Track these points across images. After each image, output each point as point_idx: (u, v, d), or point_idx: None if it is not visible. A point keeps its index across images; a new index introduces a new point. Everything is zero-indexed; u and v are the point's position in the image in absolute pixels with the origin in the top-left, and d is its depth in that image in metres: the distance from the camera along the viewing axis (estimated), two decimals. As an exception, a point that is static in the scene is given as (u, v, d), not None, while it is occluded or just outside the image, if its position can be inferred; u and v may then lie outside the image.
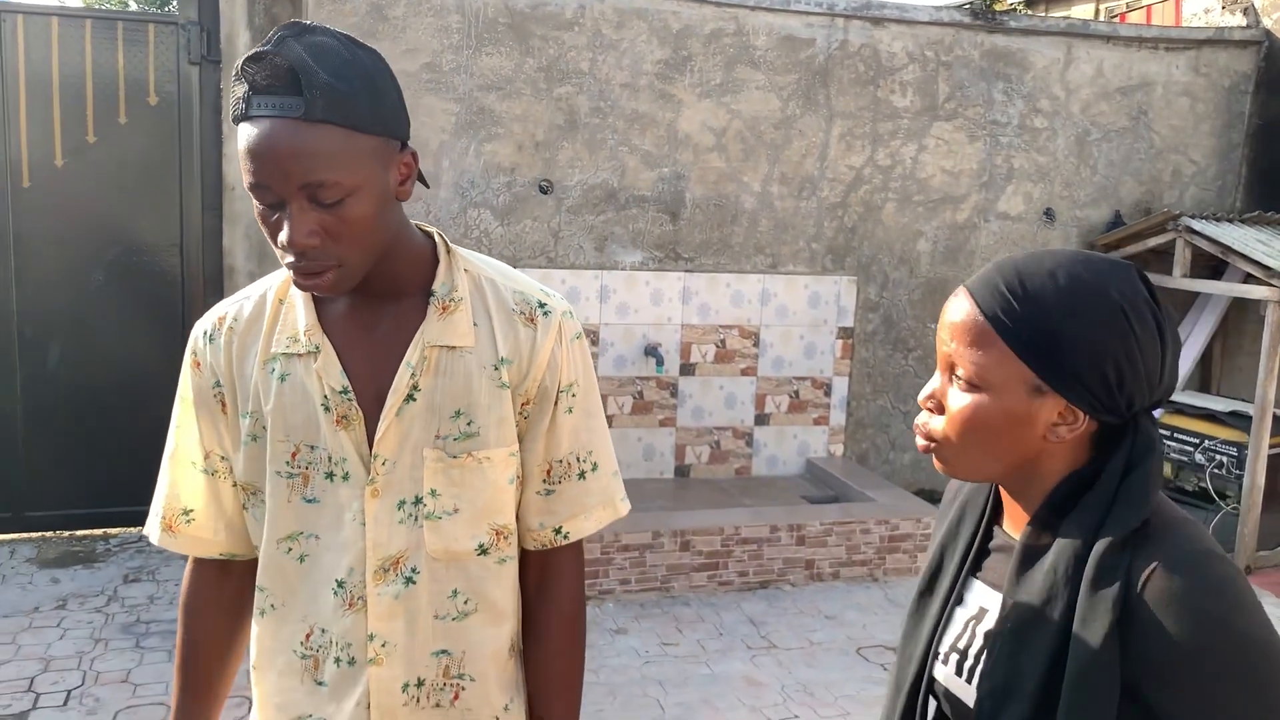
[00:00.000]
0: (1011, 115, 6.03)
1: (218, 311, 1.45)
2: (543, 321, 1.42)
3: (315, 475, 1.37)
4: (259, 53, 1.20)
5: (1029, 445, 1.13)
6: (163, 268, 5.07)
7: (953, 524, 1.29)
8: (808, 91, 5.68)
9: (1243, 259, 5.27)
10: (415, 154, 1.33)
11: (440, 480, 1.37)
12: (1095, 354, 1.08)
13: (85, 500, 5.10)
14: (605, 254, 5.50)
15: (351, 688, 1.38)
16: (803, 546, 4.93)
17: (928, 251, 6.03)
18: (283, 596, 1.42)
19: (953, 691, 1.22)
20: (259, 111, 1.20)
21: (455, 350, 1.37)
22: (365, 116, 1.23)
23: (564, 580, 1.49)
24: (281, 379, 1.37)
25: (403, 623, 1.38)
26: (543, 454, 1.44)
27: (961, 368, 1.14)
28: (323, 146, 1.20)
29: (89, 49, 4.83)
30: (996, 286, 1.12)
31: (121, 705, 3.61)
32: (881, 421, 6.13)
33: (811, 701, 3.87)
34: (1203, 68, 6.32)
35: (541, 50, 5.26)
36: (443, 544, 1.38)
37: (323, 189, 1.22)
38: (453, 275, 1.40)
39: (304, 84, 1.19)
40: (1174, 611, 1.02)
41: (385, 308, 1.38)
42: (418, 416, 1.36)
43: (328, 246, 1.25)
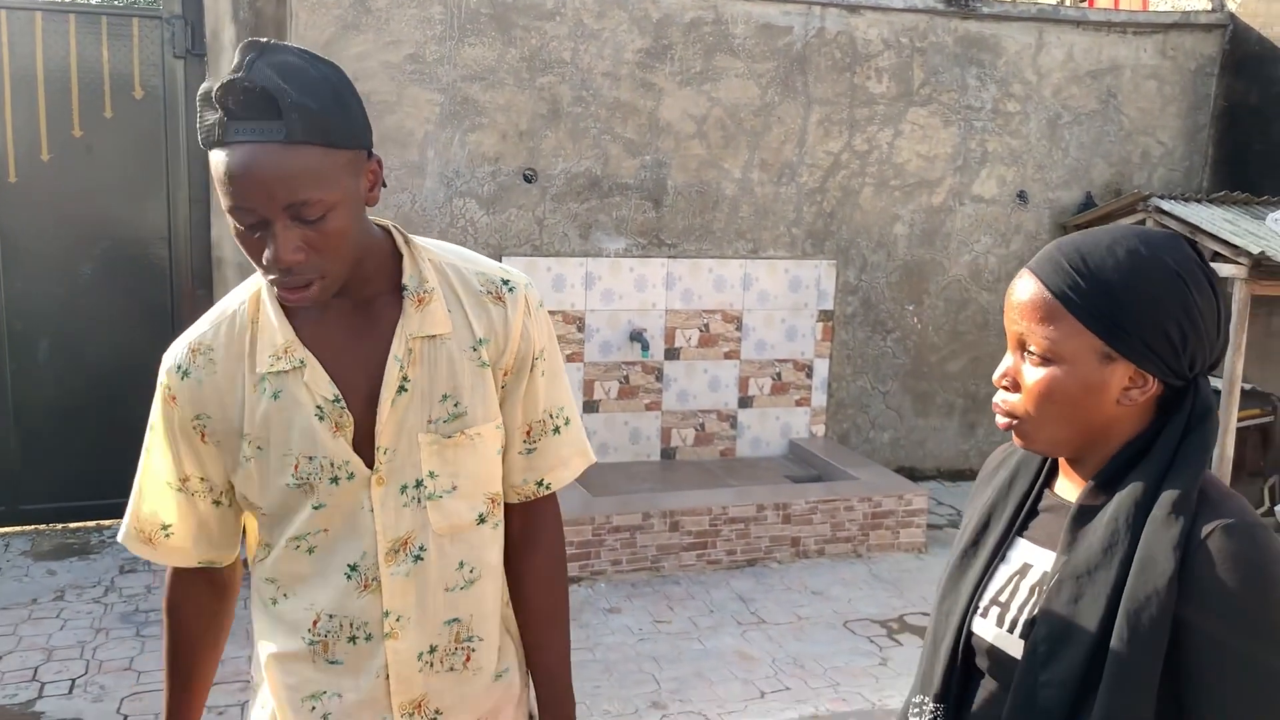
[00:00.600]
0: (985, 100, 6.15)
1: (188, 342, 1.46)
2: (509, 297, 1.49)
3: (320, 483, 1.42)
4: (231, 80, 1.23)
5: (1103, 412, 1.20)
6: (151, 260, 5.10)
7: (1003, 485, 1.35)
8: (786, 79, 5.77)
9: (1210, 238, 5.42)
10: (380, 160, 1.38)
11: (436, 461, 1.44)
12: (1158, 318, 1.15)
13: (78, 492, 5.14)
14: (590, 241, 5.57)
15: (369, 661, 1.46)
16: (788, 524, 5.04)
17: (905, 235, 6.14)
18: (293, 586, 1.48)
19: (992, 643, 1.27)
20: (238, 137, 1.23)
21: (436, 339, 1.44)
22: (339, 132, 1.28)
23: (549, 527, 1.60)
24: (274, 397, 1.41)
25: (414, 597, 1.45)
26: (522, 417, 1.53)
27: (1034, 344, 1.20)
28: (305, 167, 1.25)
29: (73, 43, 4.84)
30: (1060, 264, 1.20)
31: (126, 692, 3.68)
32: (862, 402, 6.25)
33: (802, 674, 3.98)
34: (1169, 51, 6.46)
35: (524, 40, 5.32)
36: (446, 520, 1.46)
37: (306, 207, 1.26)
38: (419, 267, 1.45)
39: (281, 107, 1.23)
40: (1230, 568, 1.10)
41: (360, 310, 1.43)
42: (410, 405, 1.42)
43: (312, 260, 1.29)
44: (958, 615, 1.31)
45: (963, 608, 1.30)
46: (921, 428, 6.41)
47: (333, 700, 1.47)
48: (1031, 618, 1.22)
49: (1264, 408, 5.77)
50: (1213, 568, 1.10)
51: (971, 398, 6.46)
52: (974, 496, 1.42)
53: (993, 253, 6.33)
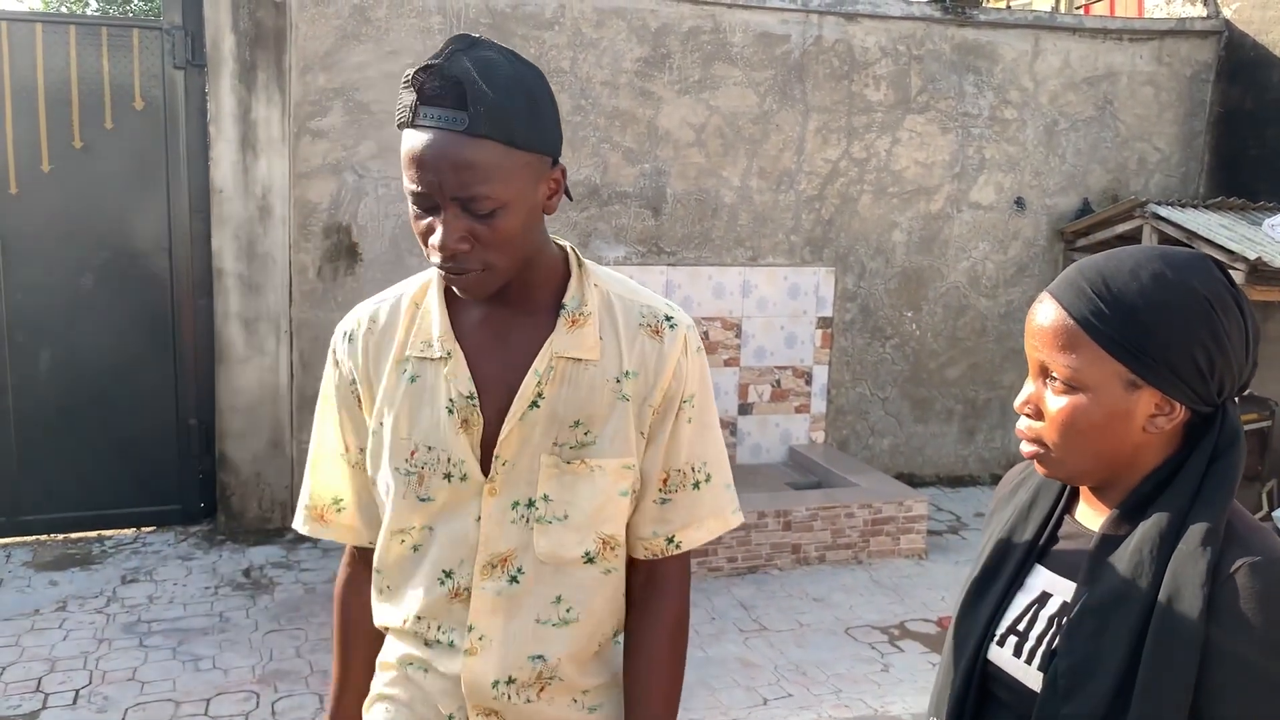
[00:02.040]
0: (982, 107, 6.18)
1: (358, 314, 1.51)
2: (669, 334, 1.45)
3: (431, 475, 1.41)
4: (429, 64, 1.26)
5: (1129, 440, 1.17)
6: (151, 271, 5.11)
7: (1023, 508, 1.32)
8: (784, 87, 5.79)
9: (1207, 244, 5.44)
10: (564, 169, 1.37)
11: (553, 485, 1.41)
12: (1185, 344, 1.12)
13: (79, 503, 5.14)
14: (589, 250, 5.59)
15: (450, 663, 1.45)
16: (789, 531, 5.05)
17: (903, 241, 6.17)
18: (393, 581, 1.49)
19: (1009, 672, 1.24)
20: (424, 121, 1.26)
21: (581, 362, 1.41)
22: (523, 133, 1.28)
23: (670, 590, 1.50)
24: (412, 380, 1.43)
25: (502, 619, 1.42)
26: (661, 463, 1.46)
27: (1056, 371, 1.17)
28: (481, 161, 1.25)
29: (73, 54, 4.86)
30: (1082, 289, 1.16)
31: (130, 703, 3.68)
32: (861, 408, 6.27)
33: (804, 680, 3.99)
34: (1165, 58, 6.49)
35: (522, 49, 5.33)
36: (550, 548, 1.42)
37: (476, 201, 1.27)
38: (583, 289, 1.44)
39: (469, 98, 1.24)
40: (1258, 606, 1.07)
41: (517, 318, 1.43)
42: (539, 423, 1.40)
43: (476, 252, 1.30)
44: (973, 642, 1.28)
45: (979, 635, 1.27)
46: (921, 434, 6.43)
47: (419, 672, 1.49)
48: (1051, 650, 1.19)
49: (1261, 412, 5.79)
50: (1241, 604, 1.08)
51: (970, 404, 6.48)
52: (992, 516, 1.39)
53: (990, 259, 6.36)
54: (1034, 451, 1.23)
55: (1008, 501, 1.37)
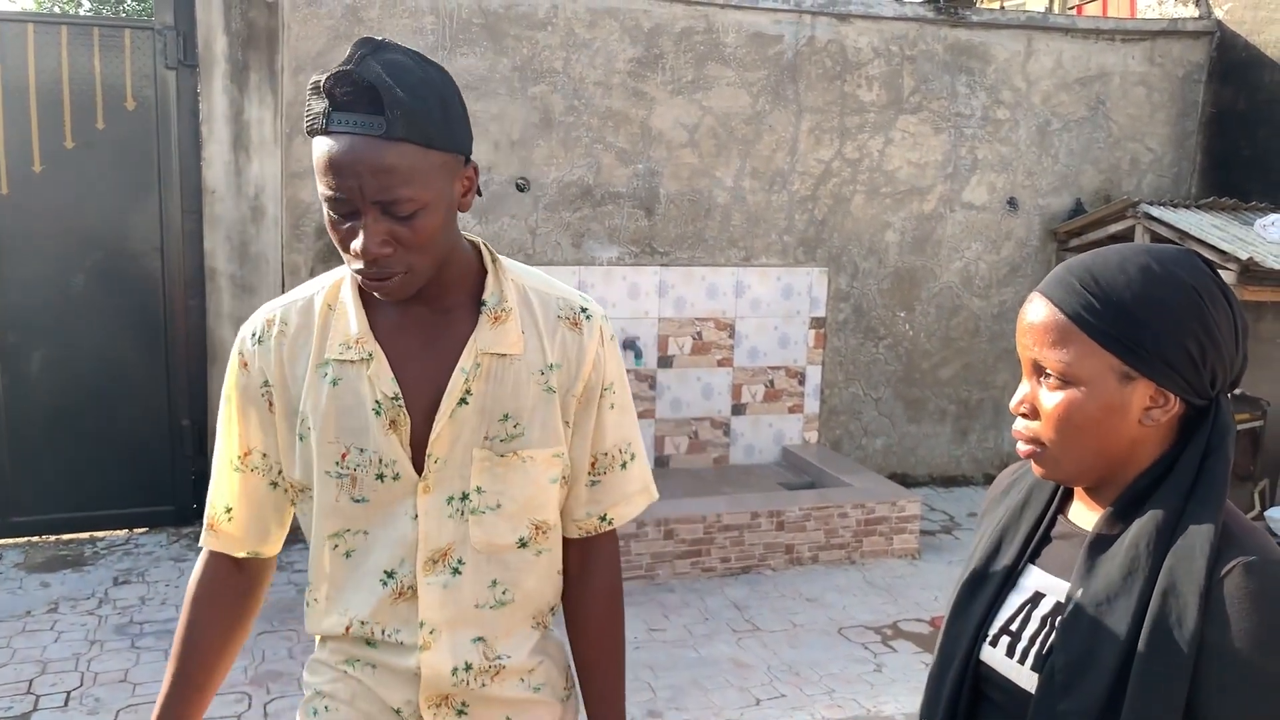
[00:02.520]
0: (975, 107, 6.19)
1: (265, 313, 1.50)
2: (586, 325, 1.50)
3: (364, 476, 1.43)
4: (340, 71, 1.25)
5: (1125, 434, 1.17)
6: (143, 272, 5.10)
7: (1016, 508, 1.32)
8: (777, 87, 5.80)
9: (1199, 244, 5.45)
10: (476, 167, 1.39)
11: (486, 478, 1.44)
12: (1175, 334, 1.12)
13: (71, 504, 5.13)
14: (582, 250, 5.59)
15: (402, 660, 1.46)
16: (782, 532, 5.06)
17: (896, 242, 6.17)
18: (328, 590, 1.49)
19: (1001, 672, 1.24)
20: (340, 128, 1.26)
21: (505, 357, 1.44)
22: (438, 134, 1.30)
23: (607, 562, 1.59)
24: (334, 383, 1.43)
25: (450, 611, 1.45)
26: (589, 448, 1.52)
27: (1050, 367, 1.17)
28: (400, 164, 1.26)
29: (65, 54, 4.85)
30: (1071, 285, 1.17)
31: (122, 704, 3.67)
32: (854, 408, 6.27)
33: (797, 681, 4.00)
34: (1158, 58, 6.51)
35: (515, 50, 5.33)
36: (486, 537, 1.46)
37: (398, 204, 1.28)
38: (501, 285, 1.47)
39: (385, 102, 1.25)
40: (1251, 606, 1.07)
41: (435, 317, 1.45)
42: (469, 419, 1.43)
43: (398, 255, 1.31)
44: (965, 643, 1.28)
45: (971, 635, 1.27)
46: (914, 434, 6.43)
47: (365, 669, 1.49)
48: (1044, 649, 1.19)
49: (1254, 412, 5.81)
50: (1235, 604, 1.08)
51: (963, 404, 6.48)
52: (984, 517, 1.39)
53: (983, 259, 6.36)
54: (1030, 451, 1.22)
55: (1000, 502, 1.37)
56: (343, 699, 1.51)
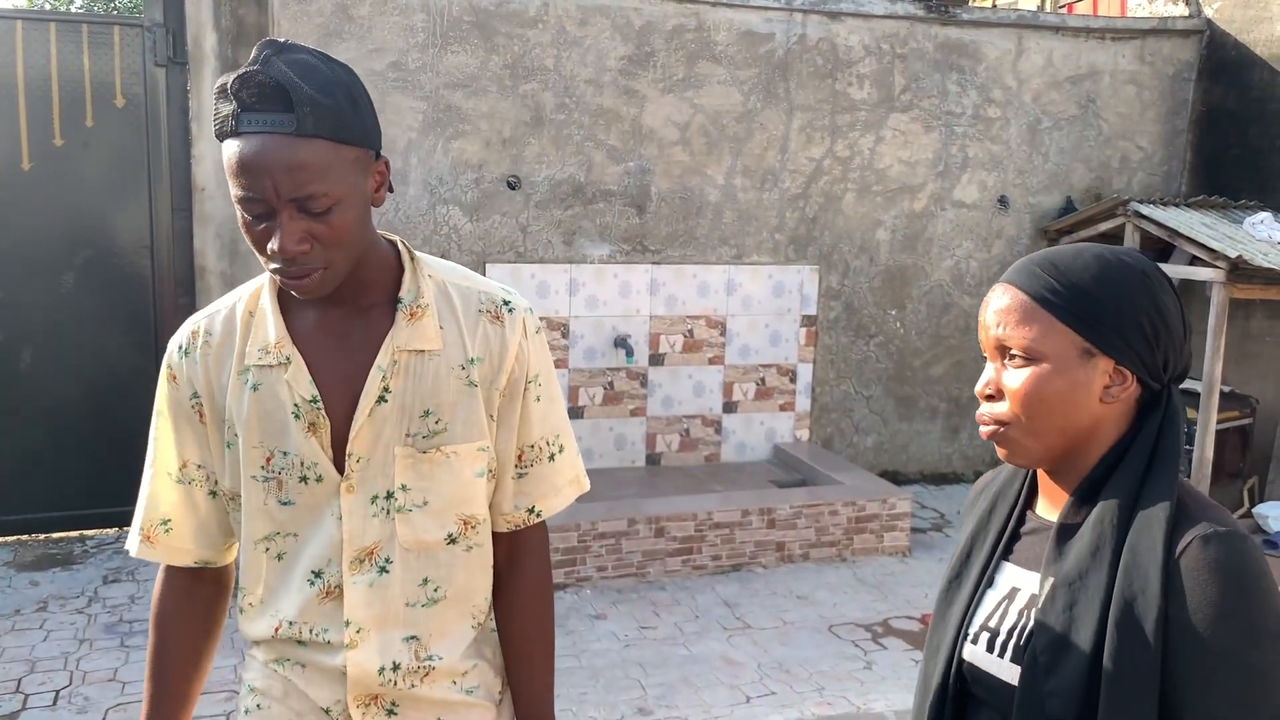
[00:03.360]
0: (965, 105, 6.20)
1: (190, 325, 1.51)
2: (509, 318, 1.50)
3: (289, 479, 1.44)
4: (246, 72, 1.26)
5: (1088, 411, 1.22)
6: (133, 270, 5.09)
7: (984, 513, 1.36)
8: (768, 85, 5.80)
9: (1189, 242, 5.47)
10: (387, 162, 1.41)
11: (410, 475, 1.45)
12: (1132, 312, 1.20)
13: (61, 503, 5.12)
14: (574, 248, 5.59)
15: (329, 661, 1.47)
16: (773, 529, 5.06)
17: (887, 240, 6.18)
18: (260, 594, 1.50)
19: (984, 669, 1.27)
20: (250, 128, 1.27)
21: (424, 354, 1.45)
22: (348, 129, 1.31)
23: (535, 555, 1.59)
24: (254, 389, 1.44)
25: (377, 610, 1.46)
26: (515, 441, 1.53)
27: (1015, 345, 1.23)
28: (313, 160, 1.28)
29: (54, 52, 4.83)
30: (1034, 272, 1.24)
31: (111, 703, 3.66)
32: (845, 406, 6.28)
33: (787, 678, 4.00)
34: (1148, 57, 6.52)
35: (506, 48, 5.33)
36: (414, 535, 1.46)
37: (313, 200, 1.29)
38: (418, 282, 1.47)
39: (294, 100, 1.26)
40: (1209, 577, 1.11)
41: (353, 316, 1.45)
42: (389, 417, 1.43)
43: (316, 252, 1.32)
44: (946, 647, 1.31)
45: (951, 638, 1.31)
46: (905, 431, 6.44)
47: (295, 668, 1.50)
48: (1023, 641, 1.23)
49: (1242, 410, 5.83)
50: (1193, 576, 1.12)
51: (954, 401, 6.50)
52: (962, 523, 1.43)
53: (974, 257, 6.37)
54: (993, 432, 1.26)
55: (973, 507, 1.41)
56: (275, 696, 1.52)
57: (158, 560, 1.54)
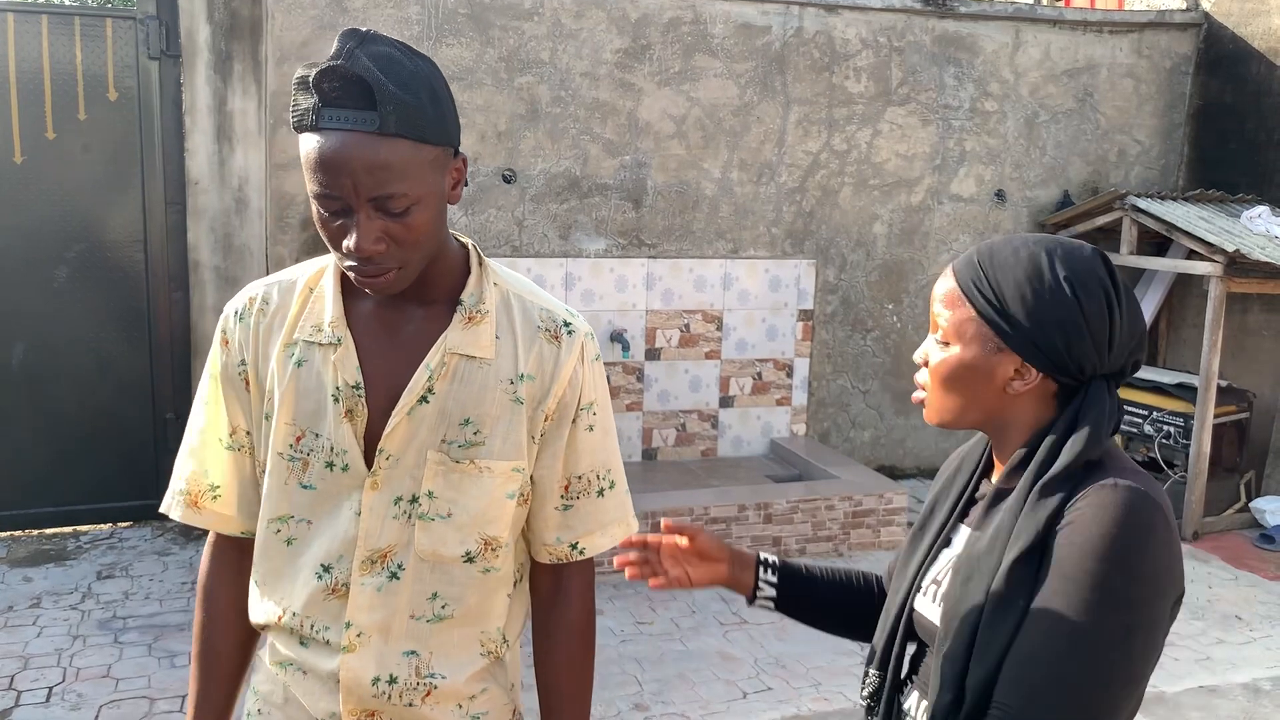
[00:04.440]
0: (963, 99, 6.18)
1: (249, 292, 1.48)
2: (567, 340, 1.45)
3: (315, 462, 1.40)
4: (329, 66, 1.22)
5: (992, 397, 1.31)
6: (127, 264, 5.06)
7: (949, 477, 1.46)
8: (765, 78, 5.78)
9: (1186, 236, 5.46)
10: (465, 159, 1.37)
11: (439, 483, 1.40)
12: (1043, 319, 1.25)
13: (54, 498, 5.09)
14: (569, 242, 5.56)
15: (326, 663, 1.44)
16: (770, 524, 5.05)
17: (884, 234, 6.16)
18: (266, 575, 1.46)
19: (925, 616, 1.38)
20: (331, 124, 1.23)
21: (475, 360, 1.40)
22: (430, 128, 1.28)
23: (576, 594, 1.52)
24: (299, 364, 1.41)
25: (380, 616, 1.41)
26: (562, 470, 1.47)
27: (941, 327, 1.33)
28: (395, 160, 1.24)
29: (46, 44, 4.80)
30: (972, 261, 1.32)
31: (104, 700, 3.64)
32: (842, 400, 6.27)
33: (784, 674, 3.99)
34: (1145, 50, 6.51)
35: (502, 40, 5.30)
36: (431, 545, 1.41)
37: (392, 200, 1.26)
38: (482, 287, 1.43)
39: (378, 98, 1.22)
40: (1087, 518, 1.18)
41: (412, 311, 1.42)
42: (428, 418, 1.39)
43: (392, 251, 1.29)
44: (901, 594, 1.42)
45: (906, 587, 1.41)
46: (901, 426, 6.43)
47: (296, 674, 1.46)
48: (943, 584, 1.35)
49: (1239, 404, 5.82)
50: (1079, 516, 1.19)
51: (951, 396, 6.48)
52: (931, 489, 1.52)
53: (971, 251, 6.35)
54: (920, 397, 1.39)
55: (943, 473, 1.51)
56: (275, 703, 1.49)
57: (205, 526, 1.50)
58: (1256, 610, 4.74)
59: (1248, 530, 5.70)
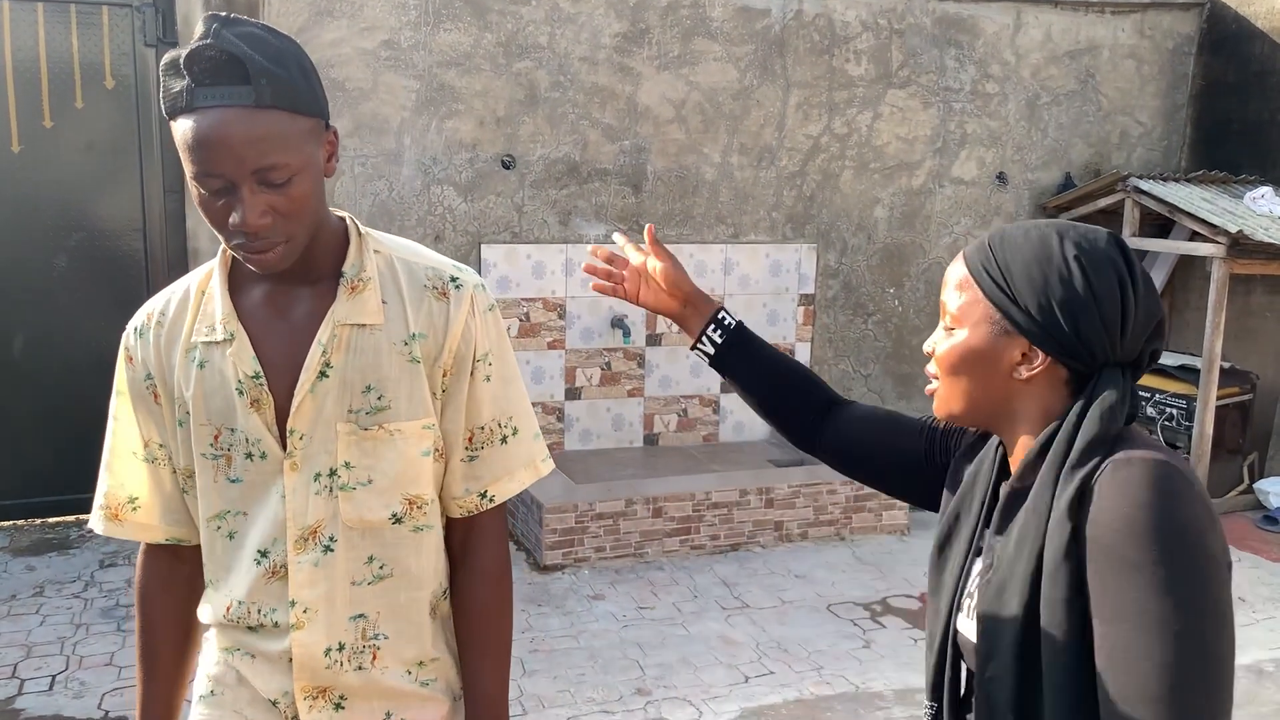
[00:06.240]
0: (964, 81, 6.14)
1: (147, 308, 1.52)
2: (455, 294, 1.48)
3: (237, 456, 1.44)
4: (198, 46, 1.26)
5: (1000, 384, 1.26)
6: (126, 252, 5.05)
7: (968, 484, 1.38)
8: (764, 62, 5.75)
9: (1189, 217, 5.44)
10: (336, 131, 1.41)
11: (353, 453, 1.44)
12: (1050, 301, 1.20)
13: (56, 487, 5.09)
14: (569, 227, 5.55)
15: (275, 645, 1.47)
16: (771, 509, 5.05)
17: (885, 218, 6.14)
18: (215, 573, 1.51)
19: (965, 635, 1.30)
20: (207, 102, 1.26)
21: (365, 328, 1.44)
22: (303, 99, 1.32)
23: (488, 542, 1.55)
24: (201, 366, 1.44)
25: (323, 589, 1.45)
26: (464, 422, 1.50)
27: (948, 312, 1.30)
28: (273, 130, 1.28)
29: (41, 32, 4.78)
30: (982, 244, 1.29)
31: (107, 688, 3.65)
32: (844, 385, 6.25)
33: (786, 658, 3.99)
34: (1147, 30, 6.46)
35: (500, 25, 5.27)
36: (357, 513, 1.45)
37: (274, 170, 1.29)
38: (362, 256, 1.47)
39: (251, 72, 1.26)
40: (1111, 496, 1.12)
41: (299, 292, 1.45)
42: (330, 392, 1.43)
43: (277, 224, 1.32)
44: (943, 616, 1.33)
45: (946, 607, 1.33)
46: (904, 410, 6.40)
47: (244, 658, 1.50)
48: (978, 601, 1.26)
49: (1242, 386, 5.81)
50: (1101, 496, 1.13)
51: (953, 379, 6.46)
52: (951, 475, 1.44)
53: (973, 234, 6.33)
54: (931, 389, 1.35)
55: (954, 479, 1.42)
56: (229, 684, 1.52)
57: (127, 537, 1.55)
58: (1260, 592, 4.73)
59: (1251, 512, 5.70)
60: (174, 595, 1.56)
